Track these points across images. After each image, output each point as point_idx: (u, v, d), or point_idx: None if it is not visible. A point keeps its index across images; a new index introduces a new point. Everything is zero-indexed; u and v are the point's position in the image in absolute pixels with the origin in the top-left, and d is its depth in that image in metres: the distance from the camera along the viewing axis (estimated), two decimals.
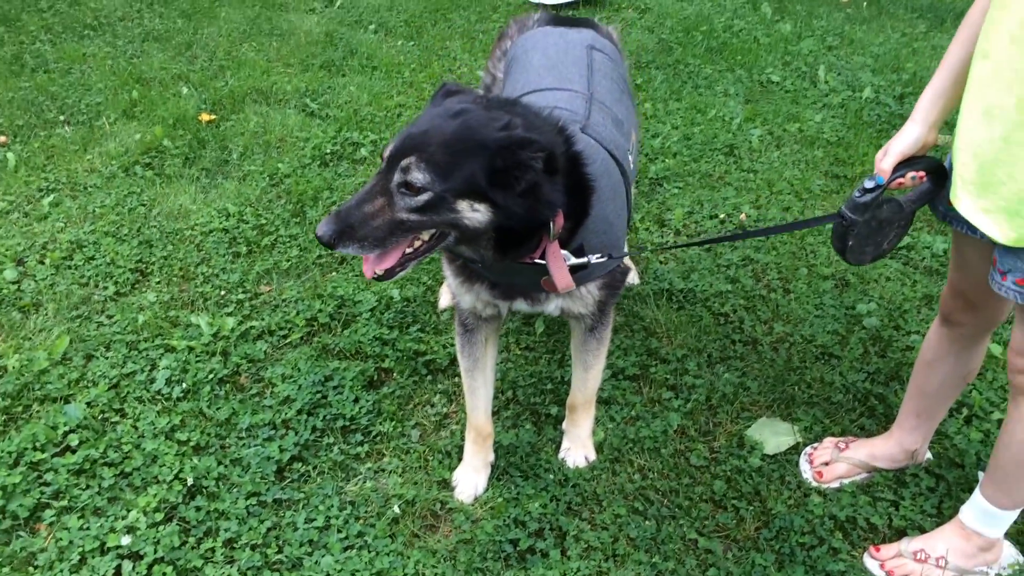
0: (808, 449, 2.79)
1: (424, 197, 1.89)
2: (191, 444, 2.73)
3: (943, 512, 2.57)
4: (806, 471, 2.72)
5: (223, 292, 3.42)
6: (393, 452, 2.76)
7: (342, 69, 5.41)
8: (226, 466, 2.66)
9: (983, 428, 2.85)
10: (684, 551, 2.44)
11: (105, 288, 3.42)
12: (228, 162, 4.30)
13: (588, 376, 2.63)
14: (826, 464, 2.71)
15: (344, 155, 4.40)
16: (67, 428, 2.76)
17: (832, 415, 2.92)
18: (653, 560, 2.41)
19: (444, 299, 3.36)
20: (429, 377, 3.06)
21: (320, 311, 3.30)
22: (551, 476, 2.67)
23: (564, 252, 2.11)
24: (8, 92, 5.00)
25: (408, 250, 2.00)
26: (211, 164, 4.27)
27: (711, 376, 3.06)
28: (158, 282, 3.47)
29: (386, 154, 1.95)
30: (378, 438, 2.81)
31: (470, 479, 2.65)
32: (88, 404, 2.86)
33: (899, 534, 2.52)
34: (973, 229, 2.10)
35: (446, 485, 2.65)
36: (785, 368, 3.10)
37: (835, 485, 2.67)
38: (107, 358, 3.06)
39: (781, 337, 3.25)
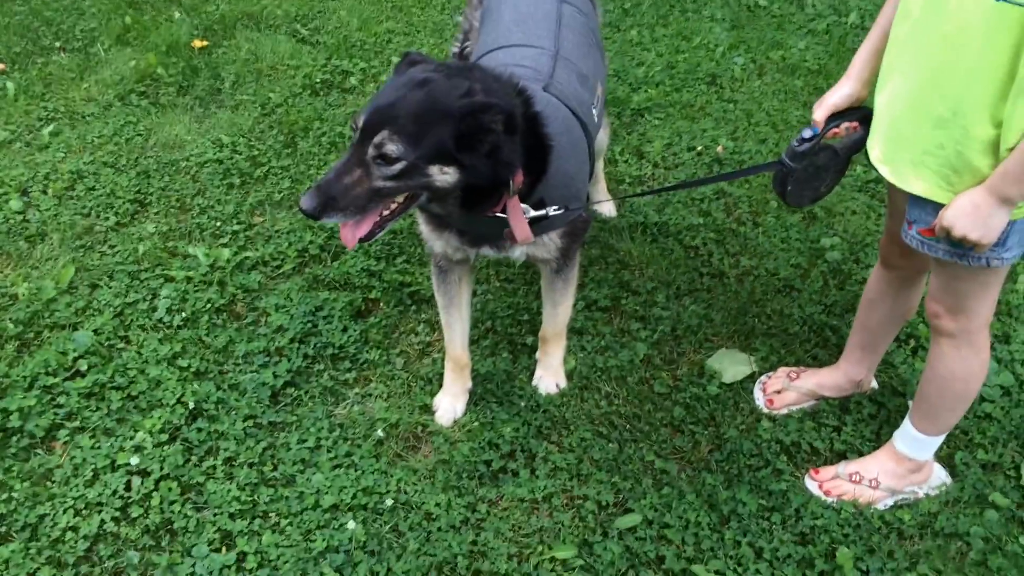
0: (763, 378, 3.01)
1: (399, 166, 2.06)
2: (191, 370, 2.96)
3: (881, 437, 2.80)
4: (759, 399, 2.94)
5: (219, 223, 3.59)
6: (379, 378, 2.99)
7: None
8: (224, 391, 2.89)
9: (912, 347, 3.07)
10: (642, 471, 2.69)
11: (106, 219, 3.60)
12: (221, 91, 4.42)
13: (557, 312, 2.84)
14: (778, 392, 2.94)
15: (334, 84, 4.51)
16: (76, 354, 2.98)
17: (788, 346, 3.14)
18: (613, 479, 2.66)
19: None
20: (414, 307, 3.26)
21: (311, 243, 3.48)
22: (523, 402, 2.90)
23: (524, 206, 2.29)
24: (4, 17, 5.06)
25: (384, 212, 2.18)
26: (204, 93, 4.39)
27: (678, 308, 3.26)
28: (156, 213, 3.65)
29: (358, 125, 2.11)
30: (365, 365, 3.03)
31: (449, 404, 2.88)
32: (95, 331, 3.07)
33: (839, 457, 2.76)
34: None
35: (427, 410, 2.89)
36: (748, 300, 3.30)
37: (784, 412, 2.90)
38: (111, 287, 3.27)
39: (747, 270, 3.44)
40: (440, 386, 2.93)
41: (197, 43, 4.72)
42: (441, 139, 2.06)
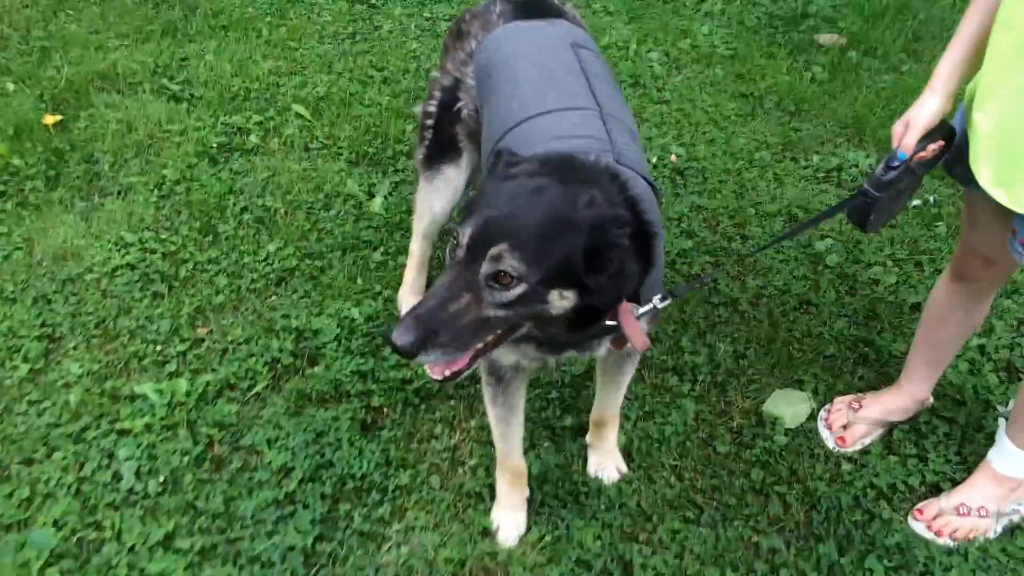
0: (823, 414, 2.82)
1: (517, 290, 1.68)
2: (195, 551, 2.41)
3: (963, 455, 2.69)
4: (828, 438, 2.75)
5: (158, 347, 2.98)
6: (418, 506, 2.55)
7: (188, 33, 4.73)
8: (246, 568, 2.38)
9: (967, 357, 2.98)
10: (751, 555, 2.43)
11: (14, 368, 2.90)
12: (100, 175, 3.70)
13: (620, 393, 2.51)
14: (844, 427, 2.76)
15: (233, 146, 3.90)
16: (41, 562, 2.36)
17: (831, 370, 2.96)
18: (724, 572, 2.39)
19: (407, 304, 3.09)
20: (424, 407, 2.83)
21: (280, 351, 2.96)
22: (592, 500, 2.56)
23: (631, 305, 1.95)
24: None
25: (479, 345, 1.77)
26: (80, 181, 3.66)
27: (706, 349, 3.01)
28: (76, 348, 2.98)
29: (464, 240, 1.71)
30: (397, 492, 2.59)
31: (510, 520, 2.50)
32: (55, 525, 2.45)
33: (934, 490, 2.62)
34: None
35: (487, 532, 2.49)
36: (771, 326, 3.10)
37: (858, 447, 2.73)
38: (53, 460, 2.62)
39: (757, 292, 3.23)
40: (491, 499, 2.55)
41: (48, 119, 3.95)
42: (567, 258, 1.68)
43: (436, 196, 2.80)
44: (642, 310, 1.98)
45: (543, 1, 2.67)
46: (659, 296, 2.01)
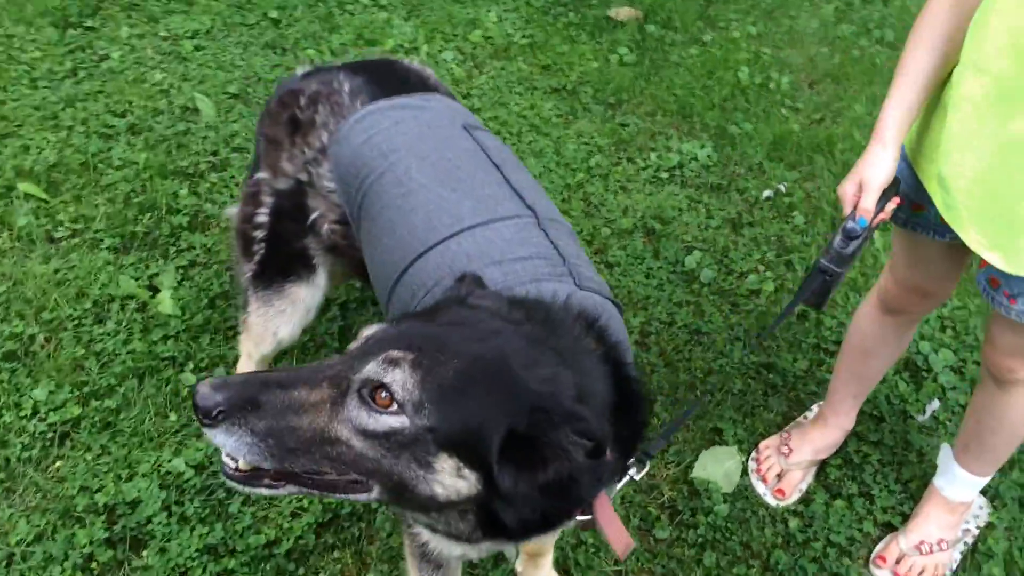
0: (752, 466, 2.54)
1: (394, 421, 1.19)
2: None
3: (903, 480, 2.51)
4: (766, 494, 2.47)
5: None
6: None
7: None
8: None
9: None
10: None
11: None
12: None
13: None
14: (779, 477, 2.49)
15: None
16: None
17: (743, 408, 2.68)
18: None
19: (245, 362, 2.41)
20: (301, 570, 2.23)
21: (90, 543, 2.20)
22: None
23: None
24: None
25: (306, 477, 1.25)
26: None
27: None
28: None
29: (365, 332, 1.27)
30: None
31: None
32: None
33: (887, 528, 2.41)
34: (941, 234, 1.91)
35: None
36: (668, 367, 2.76)
37: (797, 496, 2.48)
38: None
39: (643, 330, 2.88)
40: None
41: None
42: (482, 427, 1.20)
43: (281, 320, 2.16)
44: (618, 487, 1.54)
45: (400, 68, 2.09)
46: (643, 457, 1.56)
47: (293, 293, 2.11)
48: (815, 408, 2.67)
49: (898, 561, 2.32)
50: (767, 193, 3.41)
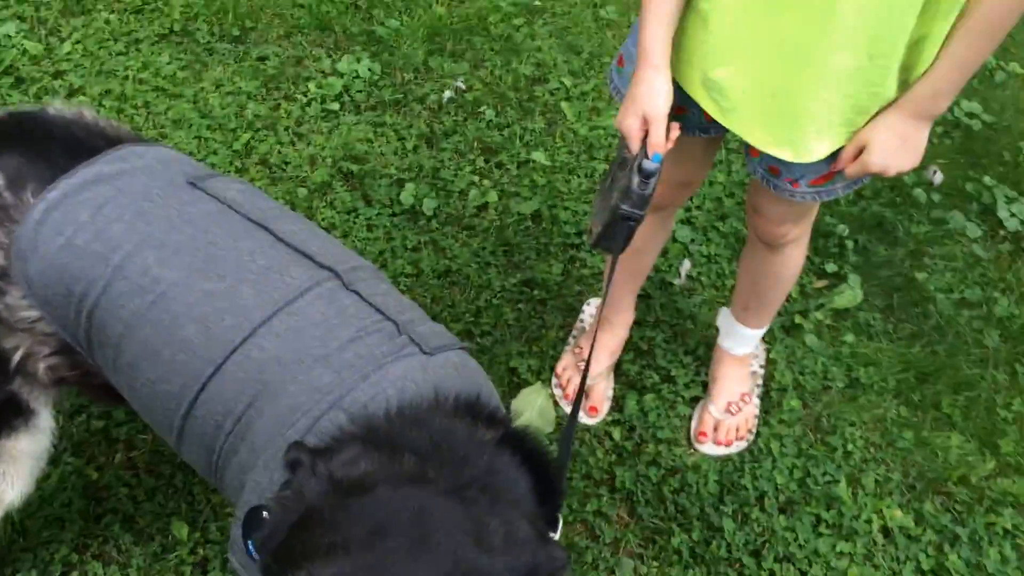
0: (559, 392, 2.48)
1: None
2: None
3: (691, 349, 2.60)
4: (580, 417, 2.44)
5: None
6: None
7: None
8: None
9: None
10: None
11: None
12: None
13: None
14: (587, 395, 2.46)
15: None
16: None
17: (525, 335, 2.58)
18: None
19: None
20: None
21: None
22: None
23: None
24: None
25: None
26: None
27: None
28: None
29: None
30: None
31: None
32: None
33: (695, 400, 2.50)
34: (705, 130, 1.90)
35: None
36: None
37: (608, 406, 2.47)
38: None
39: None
40: None
41: None
42: None
43: (4, 484, 1.61)
44: None
45: (51, 122, 1.49)
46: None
47: (9, 449, 1.58)
48: (588, 307, 2.65)
49: (715, 429, 2.43)
50: (447, 95, 3.18)
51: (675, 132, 1.71)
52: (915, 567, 2.23)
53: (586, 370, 1.80)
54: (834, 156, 1.75)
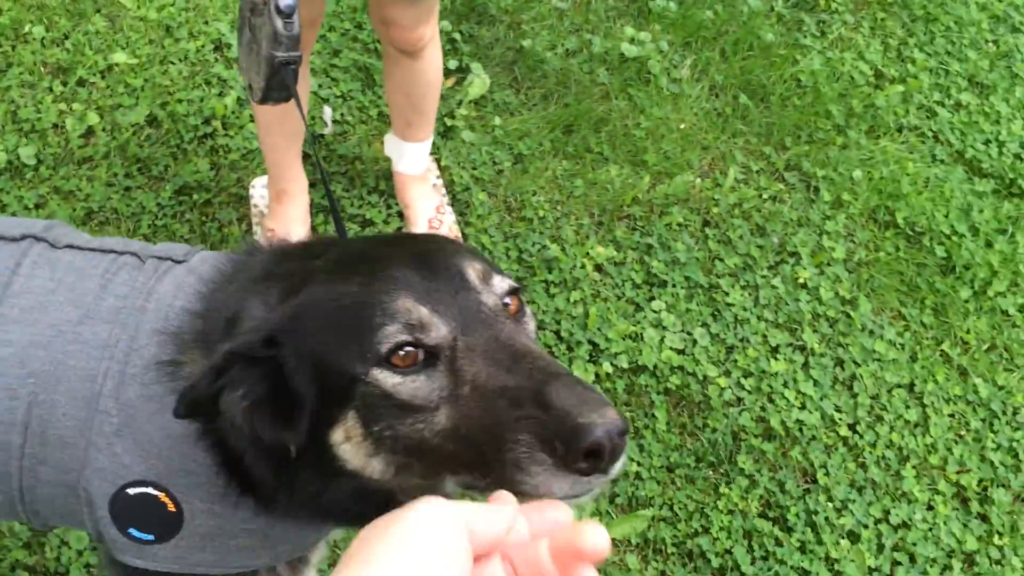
0: None
1: (527, 308, 1.13)
2: None
3: (369, 186, 2.59)
4: None
5: None
6: None
7: None
8: None
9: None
10: None
11: None
12: None
13: None
14: None
15: None
16: None
17: (209, 245, 2.39)
18: None
19: None
20: None
21: None
22: None
23: None
24: None
25: None
26: None
27: None
28: None
29: (425, 311, 0.99)
30: None
31: None
32: None
33: (400, 230, 2.53)
34: None
35: None
36: None
37: None
38: None
39: None
40: None
41: None
42: None
43: None
44: None
45: None
46: None
47: None
48: (255, 189, 2.51)
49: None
50: None
51: None
52: (632, 285, 2.55)
53: None
54: None
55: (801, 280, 2.67)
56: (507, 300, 1.04)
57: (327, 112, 2.70)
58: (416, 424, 0.97)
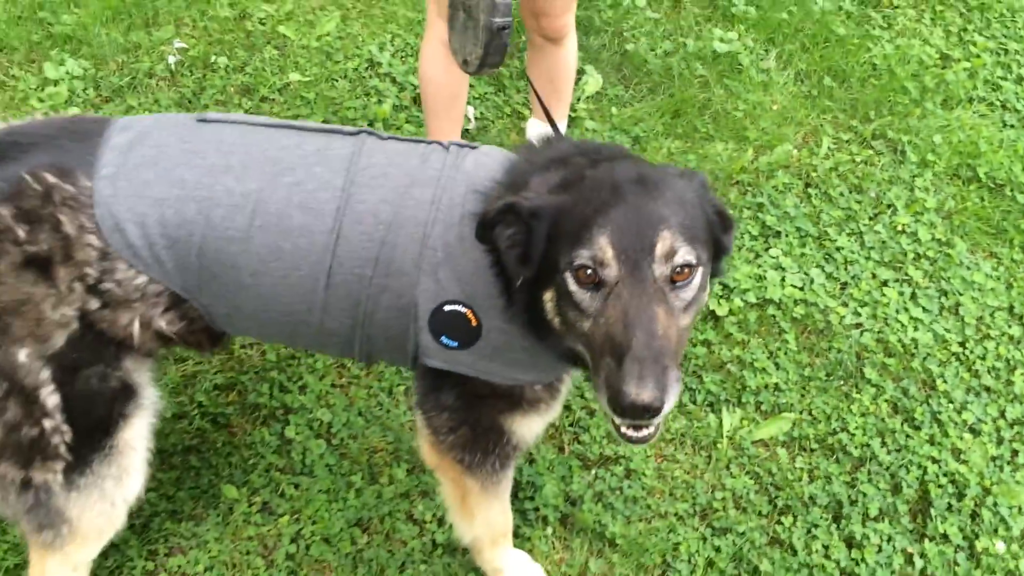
0: None
1: (696, 279, 1.42)
2: None
3: None
4: None
5: None
6: None
7: None
8: None
9: None
10: None
11: None
12: None
13: None
14: None
15: None
16: None
17: None
18: None
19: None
20: None
21: None
22: None
23: None
24: None
25: None
26: None
27: None
28: None
29: (609, 253, 1.34)
30: None
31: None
32: None
33: None
34: None
35: None
36: None
37: None
38: None
39: None
40: None
41: None
42: (709, 234, 1.47)
43: (122, 484, 1.62)
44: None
45: (20, 129, 1.50)
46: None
47: (124, 442, 1.60)
48: None
49: None
50: (172, 60, 3.14)
51: None
52: (749, 236, 2.90)
53: None
54: None
55: (899, 227, 2.99)
56: (680, 269, 1.38)
57: (470, 111, 3.13)
58: (576, 316, 1.38)
